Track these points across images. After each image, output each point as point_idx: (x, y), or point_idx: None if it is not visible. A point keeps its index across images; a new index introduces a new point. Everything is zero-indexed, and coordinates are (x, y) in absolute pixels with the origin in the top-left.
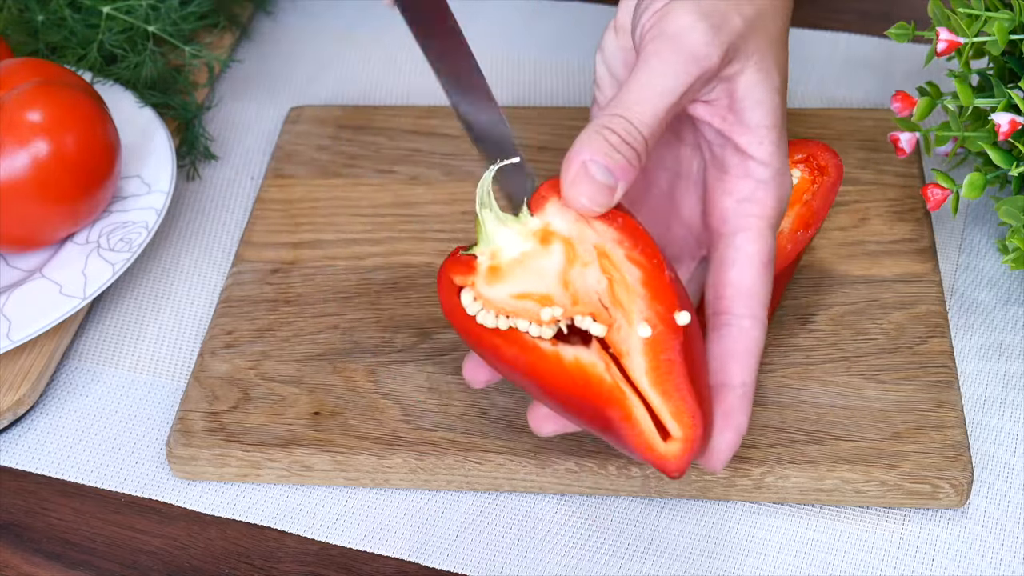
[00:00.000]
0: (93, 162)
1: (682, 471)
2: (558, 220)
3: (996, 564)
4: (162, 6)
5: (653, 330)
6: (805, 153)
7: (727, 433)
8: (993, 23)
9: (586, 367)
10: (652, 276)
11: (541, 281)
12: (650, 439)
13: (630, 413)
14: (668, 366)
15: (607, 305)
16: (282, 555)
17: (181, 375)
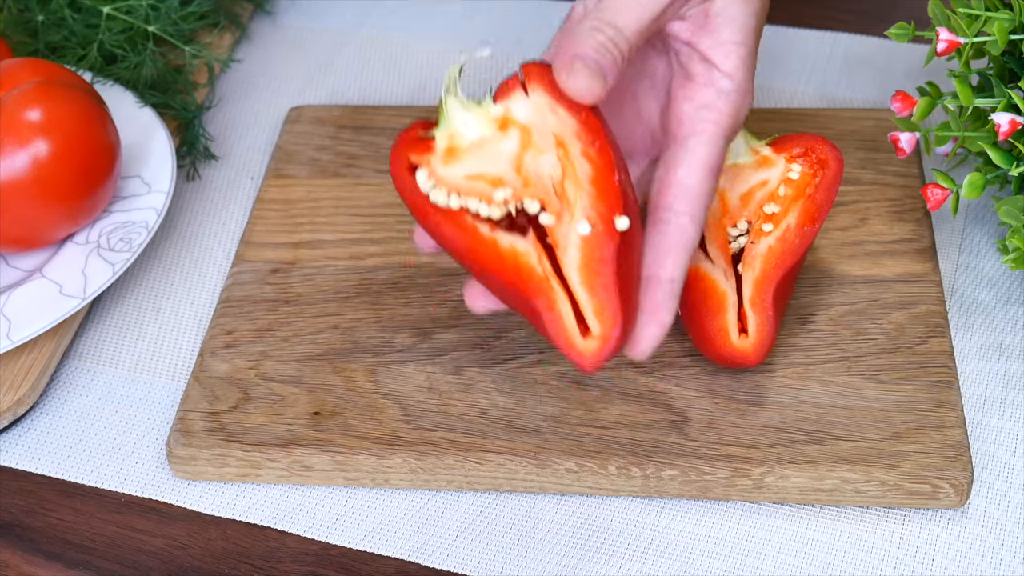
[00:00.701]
0: (93, 162)
1: (596, 367)
2: (520, 108)
3: (996, 564)
4: (162, 6)
5: (592, 229)
6: (804, 147)
7: (652, 327)
8: (993, 23)
9: (520, 255)
10: (601, 176)
11: (495, 164)
12: (570, 333)
13: (554, 305)
14: (599, 265)
15: (558, 194)
16: (282, 555)
17: (181, 375)
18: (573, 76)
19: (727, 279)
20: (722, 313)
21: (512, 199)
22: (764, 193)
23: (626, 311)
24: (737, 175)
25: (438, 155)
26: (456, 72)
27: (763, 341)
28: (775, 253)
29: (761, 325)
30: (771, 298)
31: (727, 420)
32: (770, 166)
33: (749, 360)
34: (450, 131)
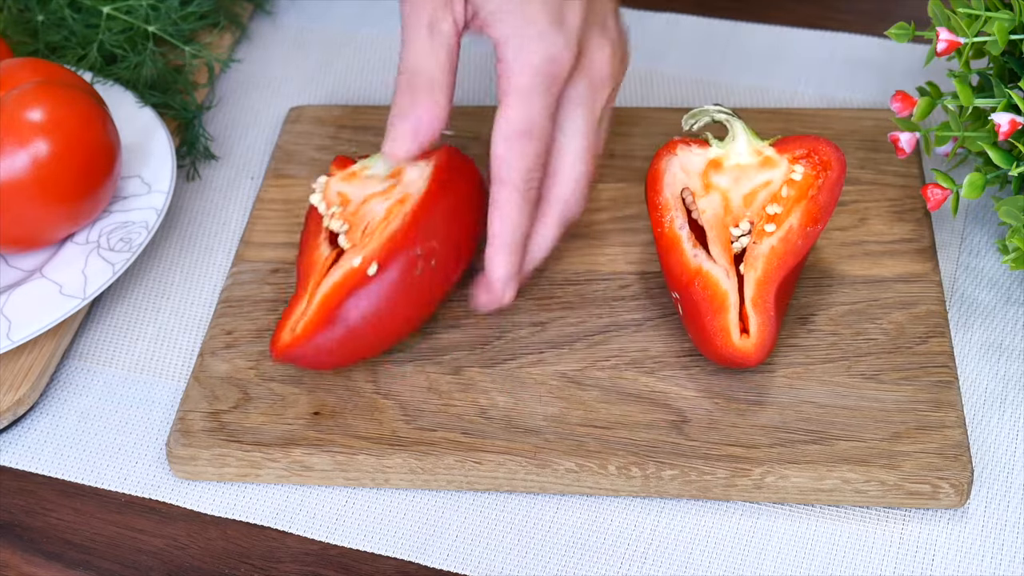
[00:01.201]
0: (93, 162)
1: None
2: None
3: (996, 564)
4: (162, 6)
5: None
6: (807, 148)
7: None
8: (993, 23)
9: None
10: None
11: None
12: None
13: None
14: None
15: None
16: (282, 555)
17: (181, 375)
18: (390, 142)
19: (729, 279)
20: (723, 313)
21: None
22: (767, 193)
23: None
24: (740, 175)
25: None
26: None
27: (764, 341)
28: (777, 253)
29: (762, 325)
30: (773, 298)
31: (727, 420)
32: (773, 167)
33: (750, 360)
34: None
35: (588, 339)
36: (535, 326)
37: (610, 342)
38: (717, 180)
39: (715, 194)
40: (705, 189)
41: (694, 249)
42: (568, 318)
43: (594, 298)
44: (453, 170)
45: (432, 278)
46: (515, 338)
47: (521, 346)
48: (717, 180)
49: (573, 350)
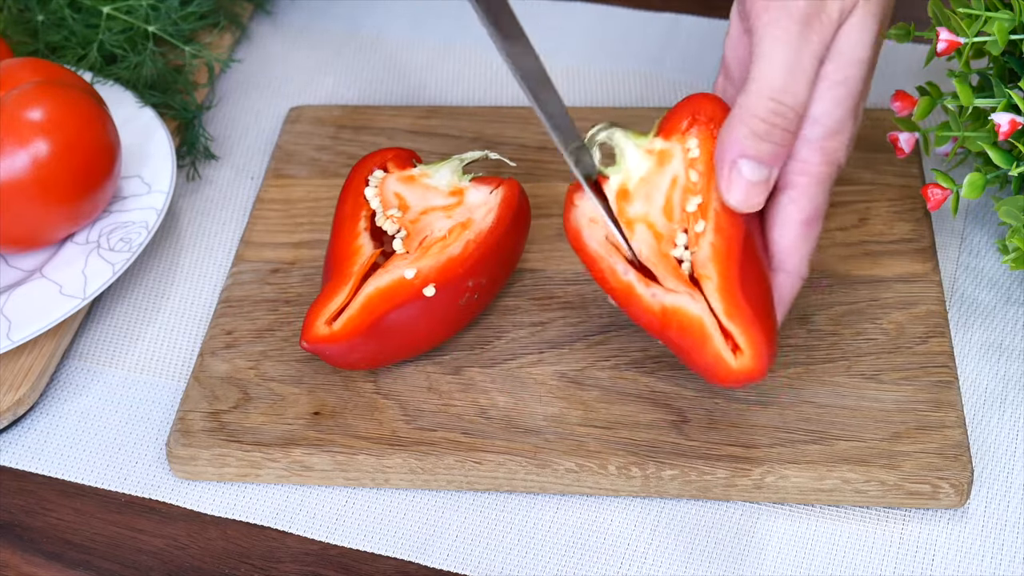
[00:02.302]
0: (93, 162)
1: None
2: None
3: (996, 564)
4: (162, 6)
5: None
6: (688, 115)
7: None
8: (993, 23)
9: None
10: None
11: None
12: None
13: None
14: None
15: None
16: (282, 555)
17: (181, 375)
18: (729, 190)
19: (695, 302)
20: (706, 342)
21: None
22: (680, 192)
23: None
24: (648, 190)
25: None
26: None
27: (759, 350)
28: (719, 249)
29: (749, 334)
30: (742, 297)
31: (727, 420)
32: (670, 158)
33: (755, 375)
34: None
35: (588, 339)
36: (535, 326)
37: (610, 342)
38: (632, 211)
39: (639, 226)
40: (629, 227)
41: (648, 289)
42: (568, 318)
43: (594, 298)
44: (518, 209)
45: (471, 308)
46: (515, 338)
47: (521, 346)
48: (632, 211)
49: (573, 350)
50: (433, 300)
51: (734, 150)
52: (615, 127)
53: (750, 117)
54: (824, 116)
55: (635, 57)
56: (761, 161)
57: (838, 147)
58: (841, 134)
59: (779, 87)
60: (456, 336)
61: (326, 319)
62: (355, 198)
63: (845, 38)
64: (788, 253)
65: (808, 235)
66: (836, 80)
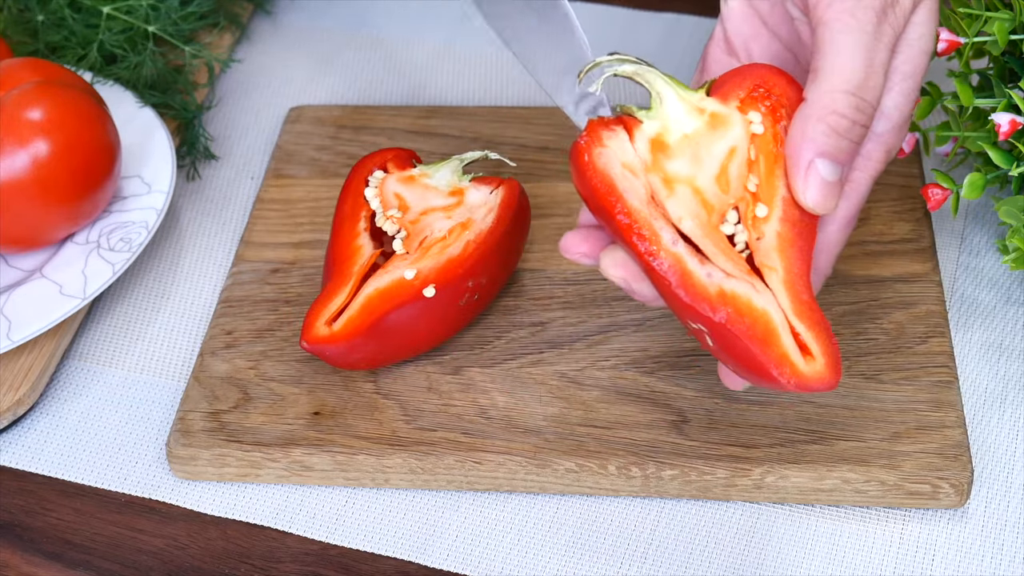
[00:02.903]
0: (93, 162)
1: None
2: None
3: (996, 564)
4: (162, 6)
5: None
6: (752, 83)
7: None
8: (993, 23)
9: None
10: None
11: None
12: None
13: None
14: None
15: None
16: (282, 555)
17: (181, 375)
18: (805, 190)
19: (760, 294)
20: (773, 338)
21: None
22: (739, 165)
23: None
24: (696, 151)
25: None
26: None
27: (833, 358)
28: (787, 241)
29: (822, 338)
30: (811, 298)
31: (727, 420)
32: (726, 125)
33: (830, 384)
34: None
35: (588, 339)
36: (535, 326)
37: (610, 342)
38: (674, 168)
39: (682, 188)
40: (665, 185)
41: (704, 267)
42: (568, 318)
43: (594, 298)
44: (518, 210)
45: (471, 308)
46: (515, 338)
47: (521, 346)
48: (674, 168)
49: (573, 350)
50: (433, 300)
51: (812, 148)
52: (648, 65)
53: (829, 113)
54: (894, 110)
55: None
56: (838, 161)
57: (898, 143)
58: (904, 129)
59: (859, 82)
60: (456, 336)
61: (326, 319)
62: (355, 198)
63: (915, 29)
64: (823, 251)
65: (846, 233)
66: (906, 72)
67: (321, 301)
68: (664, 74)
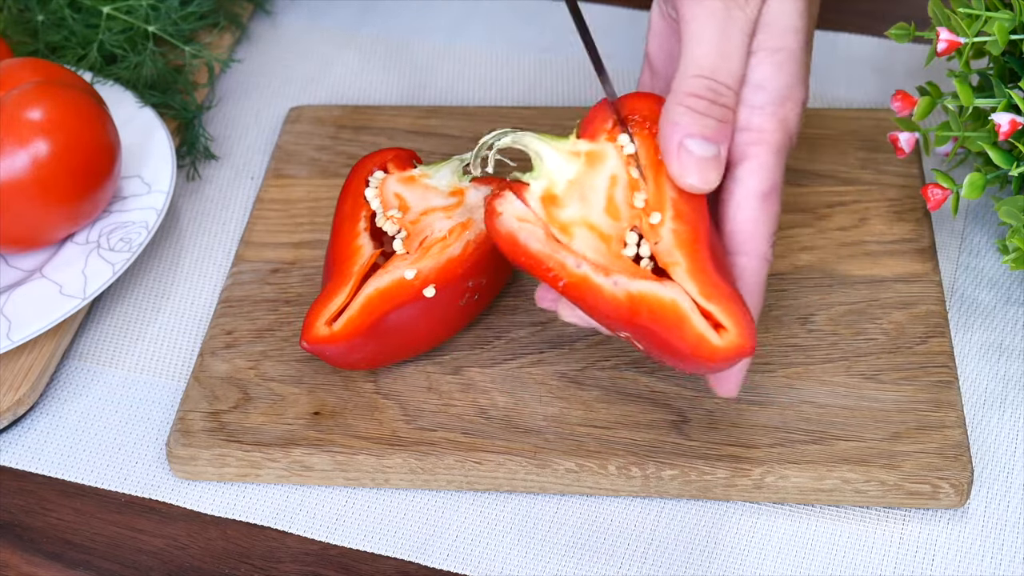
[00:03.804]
0: (93, 162)
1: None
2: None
3: (996, 564)
4: (162, 6)
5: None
6: (611, 115)
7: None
8: (993, 23)
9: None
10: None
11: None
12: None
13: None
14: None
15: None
16: (282, 555)
17: (181, 375)
18: (684, 172)
19: (665, 286)
20: (685, 322)
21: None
22: (623, 190)
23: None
24: (582, 191)
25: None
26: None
27: (744, 325)
28: (683, 234)
29: (730, 310)
30: (716, 276)
31: (727, 420)
32: (602, 159)
33: (744, 350)
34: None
35: (588, 339)
36: (535, 326)
37: (610, 342)
38: (567, 215)
39: (578, 230)
40: (563, 232)
41: (608, 278)
42: None
43: None
44: None
45: (470, 308)
46: (515, 338)
47: (521, 346)
48: (567, 215)
49: (573, 350)
50: (433, 300)
51: (678, 132)
52: (521, 131)
53: (685, 96)
54: (768, 81)
55: (635, 57)
56: (706, 138)
57: (789, 113)
58: (791, 100)
59: (710, 65)
60: (456, 336)
61: (326, 319)
62: (355, 198)
63: (771, 10)
64: (749, 233)
65: (768, 211)
66: (773, 48)
67: (321, 301)
68: (538, 134)
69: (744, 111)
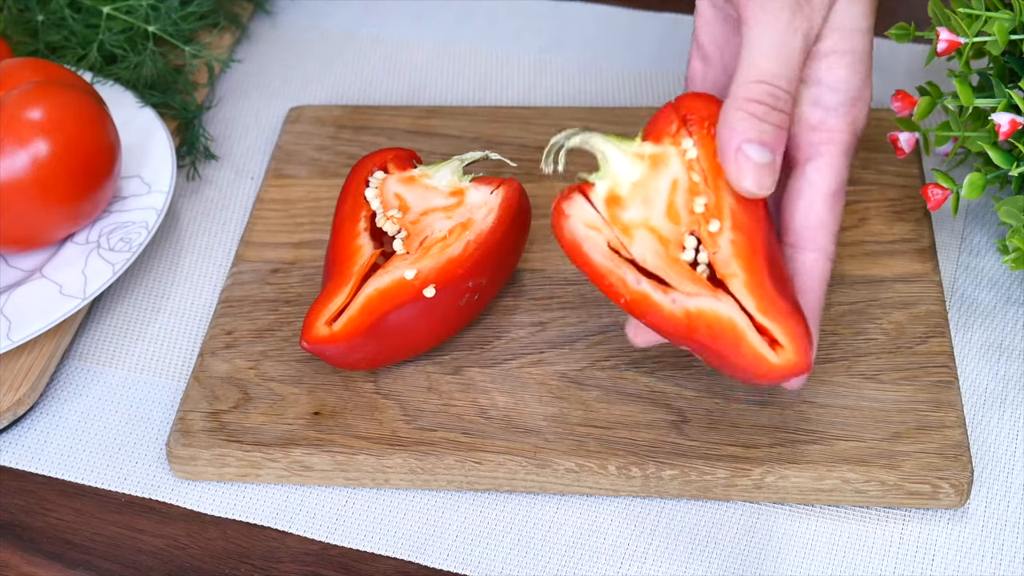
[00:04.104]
0: (93, 162)
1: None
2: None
3: (996, 564)
4: (162, 6)
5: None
6: (677, 117)
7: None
8: (993, 23)
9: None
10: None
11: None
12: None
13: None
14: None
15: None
16: (282, 555)
17: (181, 375)
18: (741, 177)
19: (721, 302)
20: (742, 341)
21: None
22: (684, 194)
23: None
24: (645, 194)
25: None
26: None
27: (799, 342)
28: (742, 245)
29: (788, 326)
30: (775, 292)
31: (727, 420)
32: (665, 162)
33: (800, 368)
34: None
35: (588, 339)
36: (535, 326)
37: (610, 342)
38: (629, 216)
39: (639, 232)
40: (625, 233)
41: (667, 296)
42: (568, 318)
43: (594, 298)
44: (518, 210)
45: (471, 308)
46: (515, 338)
47: (521, 346)
48: (629, 216)
49: (573, 350)
50: (433, 300)
51: (736, 137)
52: (590, 131)
53: (745, 102)
54: (841, 84)
55: (635, 57)
56: (764, 144)
57: (859, 114)
58: (861, 100)
59: (772, 71)
60: (456, 336)
61: (326, 319)
62: (355, 199)
63: (839, 14)
64: (815, 229)
65: (835, 208)
66: (844, 50)
67: (321, 301)
68: (605, 135)
69: (818, 112)
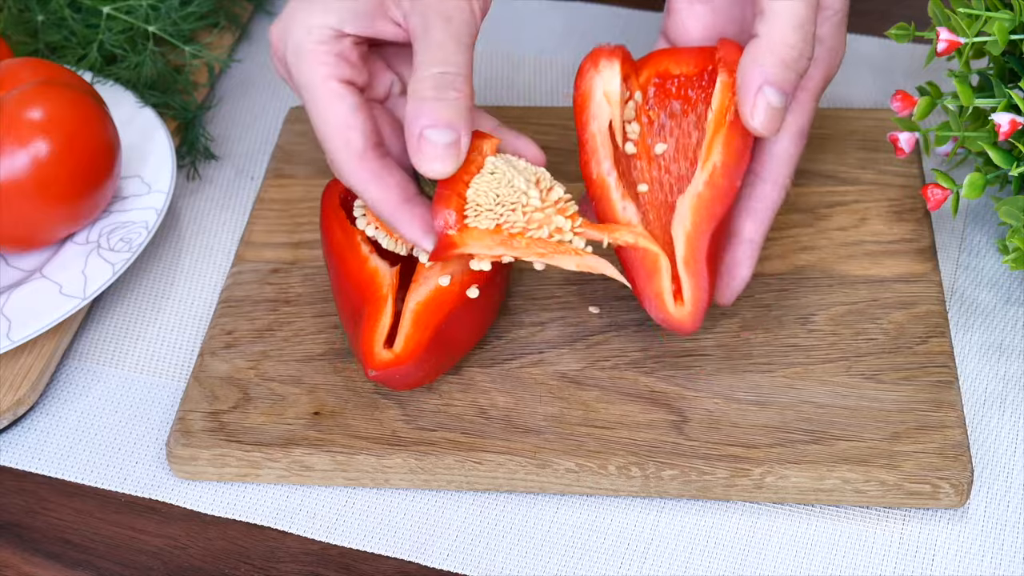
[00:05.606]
0: (93, 162)
1: (690, 331)
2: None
3: (996, 564)
4: (162, 6)
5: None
6: (712, 61)
7: (731, 280)
8: (993, 23)
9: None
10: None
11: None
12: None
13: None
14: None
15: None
16: (282, 555)
17: (181, 375)
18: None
19: (653, 244)
20: (656, 277)
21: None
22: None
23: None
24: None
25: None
26: None
27: (698, 308)
28: (705, 202)
29: (696, 289)
30: (705, 256)
31: (727, 420)
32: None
33: (685, 329)
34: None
35: (588, 339)
36: (535, 326)
37: (610, 342)
38: (629, 114)
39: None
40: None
41: (623, 201)
42: (568, 318)
43: (594, 298)
44: None
45: (499, 296)
46: (515, 338)
47: (521, 346)
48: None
49: (573, 350)
50: (478, 300)
51: (762, 75)
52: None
53: (781, 46)
54: (827, 38)
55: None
56: (783, 90)
57: (833, 62)
58: (838, 53)
59: (805, 17)
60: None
61: (382, 344)
62: (341, 226)
63: None
64: (781, 162)
65: (799, 144)
66: (835, 8)
67: (368, 329)
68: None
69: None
